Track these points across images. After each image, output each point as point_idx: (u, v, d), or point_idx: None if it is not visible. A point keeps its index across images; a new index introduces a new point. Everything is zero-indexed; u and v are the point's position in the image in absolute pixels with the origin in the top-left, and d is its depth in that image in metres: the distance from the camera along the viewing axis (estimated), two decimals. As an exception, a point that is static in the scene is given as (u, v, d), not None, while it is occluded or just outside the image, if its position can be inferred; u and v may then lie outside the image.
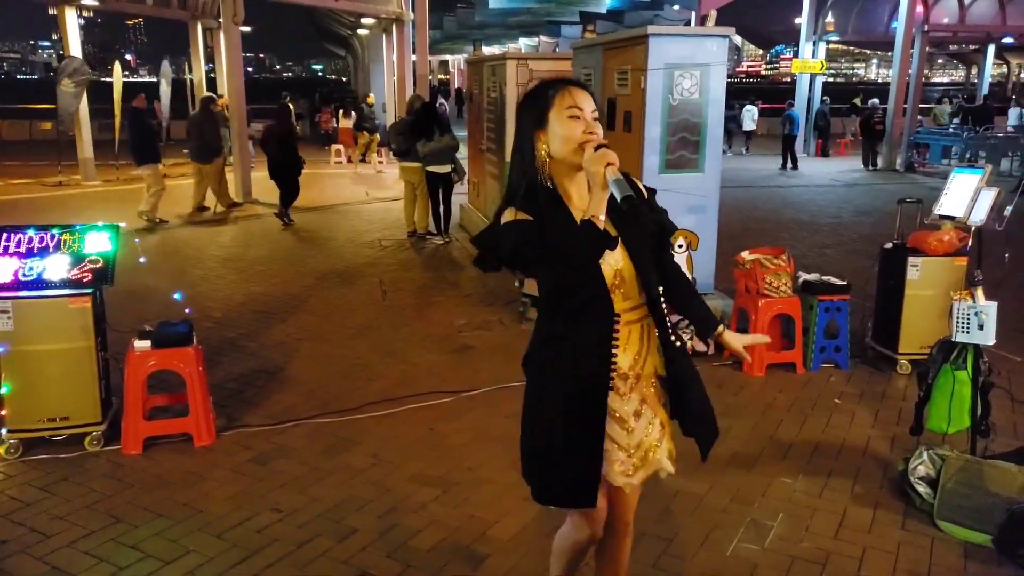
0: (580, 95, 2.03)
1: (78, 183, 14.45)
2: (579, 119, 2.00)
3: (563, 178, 2.07)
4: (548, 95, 2.03)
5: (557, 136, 2.01)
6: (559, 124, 2.00)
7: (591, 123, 2.01)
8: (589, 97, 2.05)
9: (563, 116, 2.00)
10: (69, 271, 4.02)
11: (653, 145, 5.86)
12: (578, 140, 1.99)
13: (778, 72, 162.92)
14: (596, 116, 2.04)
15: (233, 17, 12.17)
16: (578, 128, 2.00)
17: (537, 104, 2.05)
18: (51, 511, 3.44)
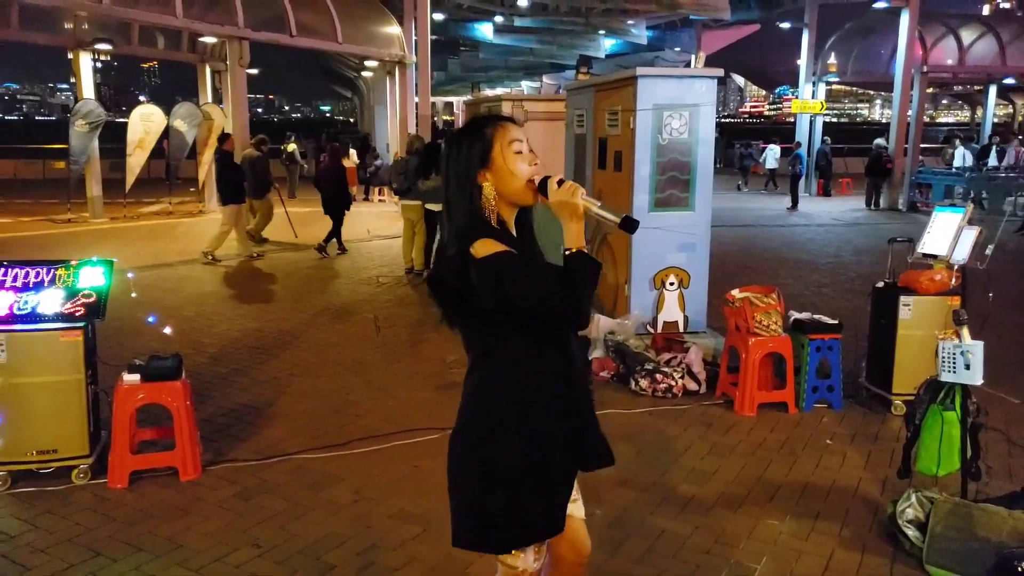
0: (515, 129, 1.99)
1: (86, 220, 14.65)
2: (522, 153, 1.97)
3: (506, 216, 2.01)
4: (487, 133, 1.97)
5: (504, 173, 1.95)
6: (507, 160, 1.95)
7: (533, 155, 1.99)
8: (522, 129, 2.04)
9: (509, 152, 1.95)
10: (63, 305, 4.08)
11: (643, 184, 5.95)
12: (528, 174, 1.95)
13: (781, 112, 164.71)
14: (530, 149, 2.02)
15: (240, 60, 12.44)
16: (524, 162, 1.96)
17: (477, 143, 1.97)
18: (33, 544, 3.45)
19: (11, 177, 25.10)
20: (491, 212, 1.95)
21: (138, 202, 16.81)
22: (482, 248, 1.86)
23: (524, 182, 1.95)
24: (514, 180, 1.95)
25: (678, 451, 4.61)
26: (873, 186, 18.81)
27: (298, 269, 10.52)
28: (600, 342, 5.93)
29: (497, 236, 1.90)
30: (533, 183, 1.94)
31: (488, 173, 1.96)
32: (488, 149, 1.96)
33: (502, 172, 1.95)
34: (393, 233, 13.36)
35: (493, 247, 1.86)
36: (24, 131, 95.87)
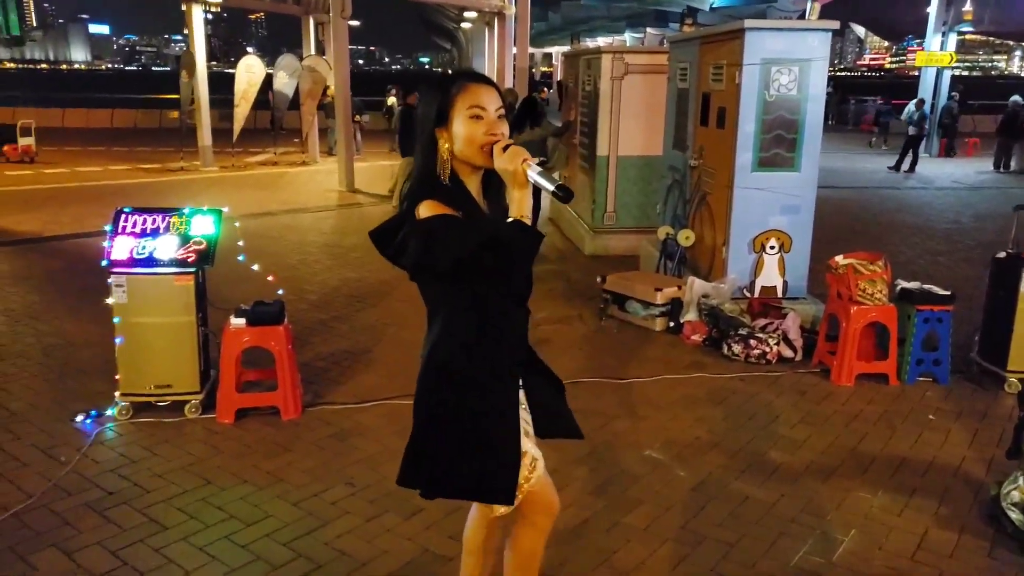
0: (483, 92, 1.94)
1: (197, 168, 15.38)
2: (481, 119, 1.92)
3: (464, 176, 2.00)
4: (450, 92, 1.94)
5: (459, 137, 1.93)
6: (461, 124, 1.92)
7: (494, 122, 1.93)
8: (494, 93, 1.96)
9: (464, 116, 1.92)
10: (176, 251, 4.32)
11: (746, 142, 5.75)
12: (480, 142, 1.92)
13: (904, 65, 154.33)
14: (501, 114, 1.95)
15: (342, 12, 12.62)
16: (480, 128, 1.92)
17: (437, 100, 1.96)
18: (152, 469, 3.74)
19: (132, 126, 26.56)
20: (443, 169, 1.95)
21: (245, 152, 17.50)
22: (424, 210, 1.87)
23: (476, 146, 1.92)
24: (467, 144, 1.93)
25: (768, 418, 4.52)
26: (1004, 147, 17.49)
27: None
28: (693, 305, 5.84)
29: (445, 195, 1.91)
30: (487, 148, 1.92)
31: (444, 132, 1.95)
32: (447, 108, 1.94)
33: (457, 134, 1.93)
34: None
35: (435, 209, 1.86)
36: (142, 81, 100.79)
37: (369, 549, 3.14)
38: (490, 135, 1.92)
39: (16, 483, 3.58)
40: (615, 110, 8.15)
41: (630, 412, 4.51)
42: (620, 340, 5.82)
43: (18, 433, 4.10)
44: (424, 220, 1.87)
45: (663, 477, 3.79)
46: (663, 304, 5.96)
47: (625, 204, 8.42)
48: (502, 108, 1.96)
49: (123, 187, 13.00)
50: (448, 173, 1.95)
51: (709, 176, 6.31)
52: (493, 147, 1.90)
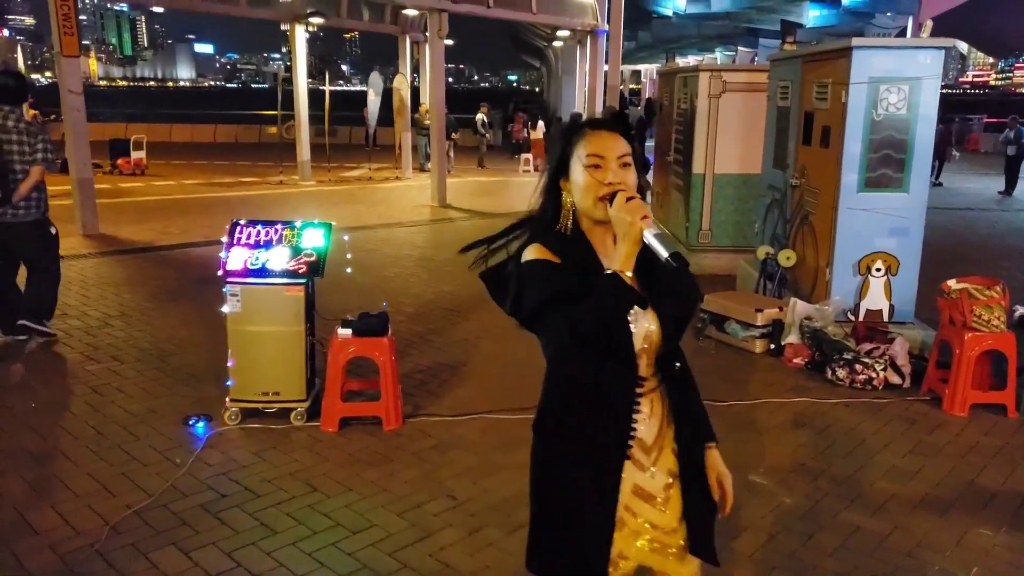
0: (604, 140, 1.79)
1: (296, 183, 15.97)
2: (600, 168, 1.77)
3: (588, 227, 1.84)
4: (571, 140, 1.83)
5: (576, 187, 1.80)
6: (578, 174, 1.79)
7: (616, 172, 1.77)
8: (618, 140, 1.79)
9: (581, 165, 1.78)
10: (287, 262, 4.50)
11: (852, 162, 5.59)
12: (597, 193, 1.76)
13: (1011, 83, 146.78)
14: (626, 162, 1.79)
15: (439, 31, 12.92)
16: (595, 181, 1.76)
17: (560, 148, 1.85)
18: (261, 474, 3.89)
19: (233, 141, 27.83)
20: (564, 220, 1.84)
21: (341, 166, 18.07)
22: (527, 253, 1.80)
23: (593, 198, 1.77)
24: (583, 195, 1.79)
25: (877, 446, 4.35)
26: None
27: (485, 235, 10.88)
28: (795, 327, 5.68)
29: (556, 242, 1.80)
30: (606, 199, 1.75)
31: (566, 182, 1.84)
32: (567, 158, 1.83)
33: (574, 184, 1.81)
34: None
35: (537, 254, 1.77)
36: (242, 97, 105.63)
37: (472, 563, 3.18)
38: (608, 185, 1.76)
39: (137, 482, 3.79)
40: (712, 128, 8.06)
41: (732, 435, 4.41)
42: (719, 361, 5.71)
43: (137, 434, 4.33)
44: (521, 264, 1.79)
45: (768, 503, 3.69)
46: (763, 325, 5.83)
47: (720, 222, 8.29)
48: (628, 156, 1.79)
49: (227, 199, 13.62)
50: (569, 225, 1.83)
51: (812, 196, 6.15)
52: (615, 195, 1.73)
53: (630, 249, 1.70)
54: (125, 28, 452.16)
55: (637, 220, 1.68)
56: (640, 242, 1.69)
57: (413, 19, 17.56)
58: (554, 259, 1.76)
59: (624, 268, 1.70)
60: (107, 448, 4.14)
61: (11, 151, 5.48)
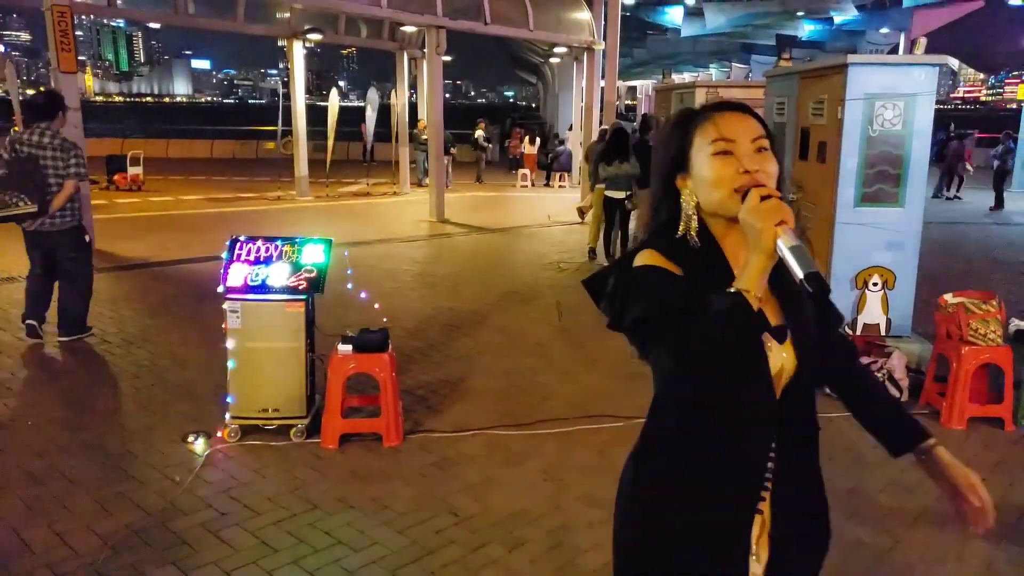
0: (732, 121, 1.48)
1: (293, 198, 16.00)
2: (730, 155, 1.46)
3: (720, 231, 1.53)
4: (688, 128, 1.53)
5: (702, 182, 1.49)
6: (704, 165, 1.49)
7: (752, 158, 1.46)
8: (750, 121, 1.49)
9: (707, 154, 1.48)
10: (288, 279, 4.51)
11: (849, 177, 5.62)
12: (730, 184, 1.45)
13: (1001, 99, 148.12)
14: (763, 146, 1.48)
15: (436, 48, 13.00)
16: (729, 167, 1.46)
17: (675, 140, 1.55)
18: (262, 492, 3.88)
19: (230, 157, 27.90)
20: (686, 224, 1.53)
21: (338, 182, 18.11)
22: (640, 258, 1.52)
23: (727, 191, 1.46)
24: (712, 188, 1.48)
25: (876, 460, 4.35)
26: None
27: (483, 251, 10.92)
28: (792, 341, 5.70)
29: (675, 248, 1.51)
30: (739, 194, 1.44)
31: (686, 179, 1.54)
32: (686, 148, 1.52)
33: (699, 178, 1.50)
34: (572, 220, 13.51)
35: (650, 259, 1.49)
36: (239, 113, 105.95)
37: (474, 579, 3.17)
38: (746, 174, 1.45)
39: (135, 501, 3.77)
40: (708, 143, 8.10)
41: (731, 451, 4.42)
42: (716, 376, 5.72)
43: (135, 452, 4.32)
44: (629, 270, 1.51)
45: (768, 519, 3.69)
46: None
47: (717, 238, 8.32)
48: (764, 138, 1.49)
49: (224, 215, 13.64)
50: (694, 230, 1.52)
51: (809, 211, 6.18)
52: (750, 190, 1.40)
53: (760, 263, 1.37)
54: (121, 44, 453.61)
55: (770, 226, 1.34)
56: (774, 255, 1.36)
57: (411, 36, 17.66)
58: (671, 267, 1.47)
59: (750, 287, 1.36)
60: (105, 467, 4.13)
61: (46, 166, 5.88)
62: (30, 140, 5.89)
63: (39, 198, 5.78)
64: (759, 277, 1.37)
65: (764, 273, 1.38)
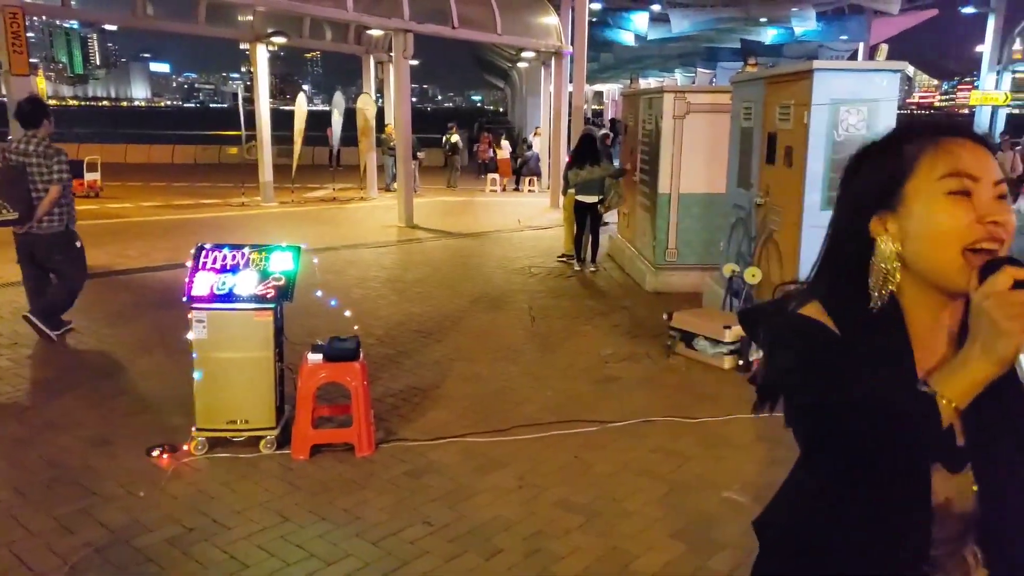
0: (974, 154, 1.12)
1: (258, 204, 15.76)
2: (968, 198, 1.10)
3: (913, 293, 1.17)
4: (909, 152, 1.15)
5: (924, 227, 1.12)
6: (930, 206, 1.11)
7: (993, 206, 1.09)
8: (991, 159, 1.13)
9: (936, 193, 1.11)
10: (256, 287, 4.41)
11: (815, 181, 5.69)
12: (962, 238, 1.09)
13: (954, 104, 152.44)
14: (1003, 193, 1.11)
15: (404, 52, 12.92)
16: (966, 215, 1.09)
17: (886, 166, 1.17)
18: (231, 506, 3.78)
19: (192, 162, 27.43)
20: (879, 286, 1.16)
21: (304, 188, 17.90)
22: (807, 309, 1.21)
23: (956, 248, 1.09)
24: (936, 240, 1.10)
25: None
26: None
27: (453, 256, 10.86)
28: (762, 344, 5.75)
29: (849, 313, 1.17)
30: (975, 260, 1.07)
31: (890, 218, 1.16)
32: (900, 180, 1.14)
33: (919, 225, 1.12)
34: (543, 224, 13.53)
35: (812, 313, 1.19)
36: (200, 117, 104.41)
37: (451, 591, 3.12)
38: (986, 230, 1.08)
39: (97, 518, 3.64)
40: (677, 148, 8.16)
41: (706, 452, 4.42)
42: (689, 378, 5.74)
43: (97, 467, 4.18)
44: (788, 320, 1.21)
45: (745, 520, 3.65)
46: (731, 342, 5.88)
47: (687, 241, 8.37)
48: (1003, 183, 1.12)
49: (186, 222, 13.38)
50: (890, 288, 1.16)
51: (776, 214, 6.24)
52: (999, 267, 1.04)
53: (983, 372, 1.03)
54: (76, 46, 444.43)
55: (1019, 329, 1.00)
56: (1009, 363, 1.03)
57: (377, 39, 17.56)
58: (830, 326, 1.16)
59: (955, 397, 1.04)
60: (65, 482, 3.99)
61: (32, 173, 6.02)
62: (18, 148, 6.06)
63: (23, 206, 5.91)
64: (973, 390, 1.03)
65: (982, 386, 1.03)
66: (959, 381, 1.04)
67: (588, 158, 9.35)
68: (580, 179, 9.26)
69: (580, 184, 9.30)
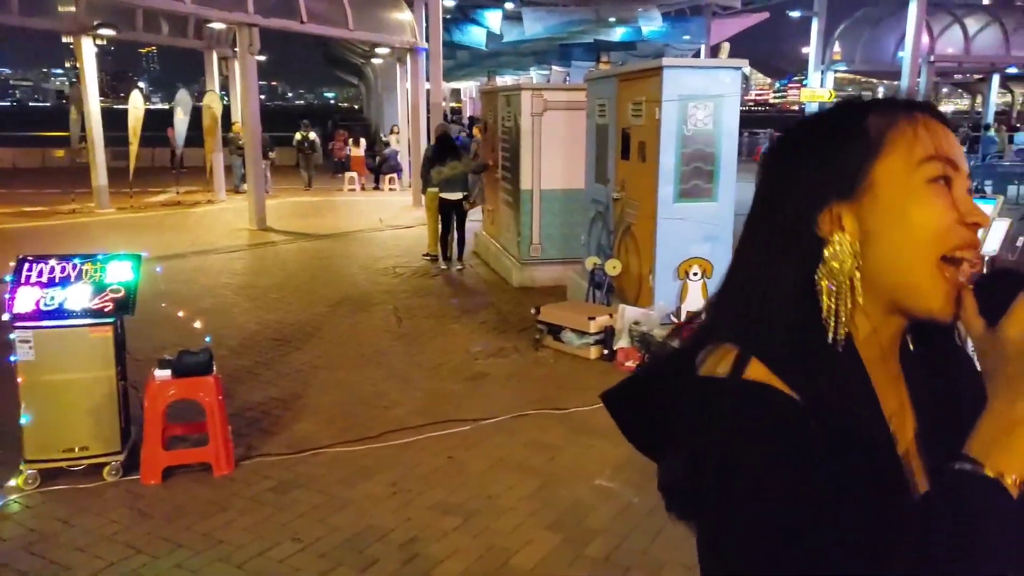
0: (948, 137, 0.86)
1: (92, 211, 14.56)
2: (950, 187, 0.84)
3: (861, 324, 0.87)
4: (877, 126, 0.86)
5: (896, 224, 0.83)
6: (906, 196, 0.83)
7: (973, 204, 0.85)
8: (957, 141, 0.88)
9: (916, 180, 0.84)
10: (90, 300, 4.04)
11: (668, 175, 5.90)
12: (945, 244, 0.82)
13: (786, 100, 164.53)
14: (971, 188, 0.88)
15: (249, 47, 12.33)
16: (948, 213, 0.83)
17: (845, 142, 0.86)
18: (71, 543, 3.42)
19: (10, 167, 24.94)
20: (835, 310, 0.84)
21: (144, 191, 16.73)
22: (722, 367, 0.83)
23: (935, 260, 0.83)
24: (915, 247, 0.83)
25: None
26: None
27: (311, 259, 10.48)
28: (625, 332, 5.90)
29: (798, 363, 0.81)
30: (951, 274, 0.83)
31: (849, 213, 0.85)
32: (867, 160, 0.85)
33: (890, 220, 0.84)
34: (405, 223, 13.32)
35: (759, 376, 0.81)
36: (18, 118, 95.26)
37: (325, 610, 2.97)
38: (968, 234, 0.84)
39: (-89, 567, 3.22)
40: (536, 145, 8.25)
41: (576, 442, 4.48)
42: (557, 370, 5.81)
43: (-91, 509, 3.69)
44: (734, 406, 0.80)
45: (617, 505, 3.77)
46: (596, 332, 6.00)
47: (550, 236, 8.49)
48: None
49: (6, 232, 12.15)
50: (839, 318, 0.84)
51: (632, 208, 6.43)
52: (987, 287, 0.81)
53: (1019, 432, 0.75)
54: None
55: None
56: None
57: (219, 33, 16.66)
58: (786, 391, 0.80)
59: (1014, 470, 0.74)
60: None
61: None
62: None
63: None
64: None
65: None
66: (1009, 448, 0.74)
67: (448, 154, 9.28)
68: (443, 176, 9.16)
69: (444, 181, 9.20)
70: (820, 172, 0.86)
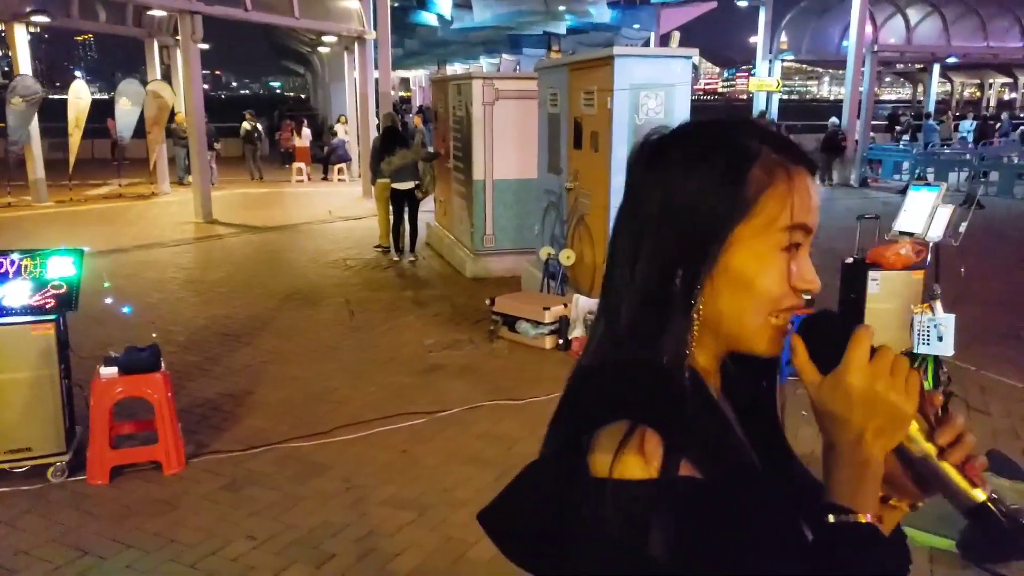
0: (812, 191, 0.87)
1: (28, 204, 14.05)
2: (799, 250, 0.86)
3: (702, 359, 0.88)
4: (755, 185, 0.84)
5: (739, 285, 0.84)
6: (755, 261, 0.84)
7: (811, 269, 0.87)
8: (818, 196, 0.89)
9: (771, 246, 0.84)
10: (31, 297, 3.91)
11: (620, 164, 5.93)
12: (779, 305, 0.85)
13: (734, 90, 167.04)
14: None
15: (192, 35, 12.01)
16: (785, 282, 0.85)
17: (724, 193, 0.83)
18: (15, 546, 3.33)
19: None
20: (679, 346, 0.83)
21: (84, 184, 16.21)
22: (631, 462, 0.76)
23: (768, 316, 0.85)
24: (752, 303, 0.85)
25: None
26: (827, 163, 19.18)
27: (259, 252, 10.30)
28: (580, 321, 5.94)
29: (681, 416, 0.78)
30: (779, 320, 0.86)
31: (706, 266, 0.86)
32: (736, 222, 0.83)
33: (737, 279, 0.84)
34: (355, 214, 13.17)
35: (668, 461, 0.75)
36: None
37: (280, 607, 2.94)
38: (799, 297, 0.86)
39: None
40: (488, 135, 8.22)
41: (533, 433, 4.49)
42: (513, 361, 5.82)
43: None
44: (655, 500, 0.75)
45: (573, 498, 3.79)
46: (552, 323, 6.03)
47: (503, 227, 8.48)
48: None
49: (-59, 227, 11.68)
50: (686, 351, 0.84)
51: (585, 198, 6.47)
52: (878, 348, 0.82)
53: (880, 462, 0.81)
54: None
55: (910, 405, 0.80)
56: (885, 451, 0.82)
57: (160, 20, 16.20)
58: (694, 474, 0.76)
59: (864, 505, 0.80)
60: None
61: None
62: None
63: None
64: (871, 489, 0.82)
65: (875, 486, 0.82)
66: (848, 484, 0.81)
67: (397, 143, 9.20)
68: (394, 166, 9.06)
69: (394, 171, 9.11)
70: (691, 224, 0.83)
